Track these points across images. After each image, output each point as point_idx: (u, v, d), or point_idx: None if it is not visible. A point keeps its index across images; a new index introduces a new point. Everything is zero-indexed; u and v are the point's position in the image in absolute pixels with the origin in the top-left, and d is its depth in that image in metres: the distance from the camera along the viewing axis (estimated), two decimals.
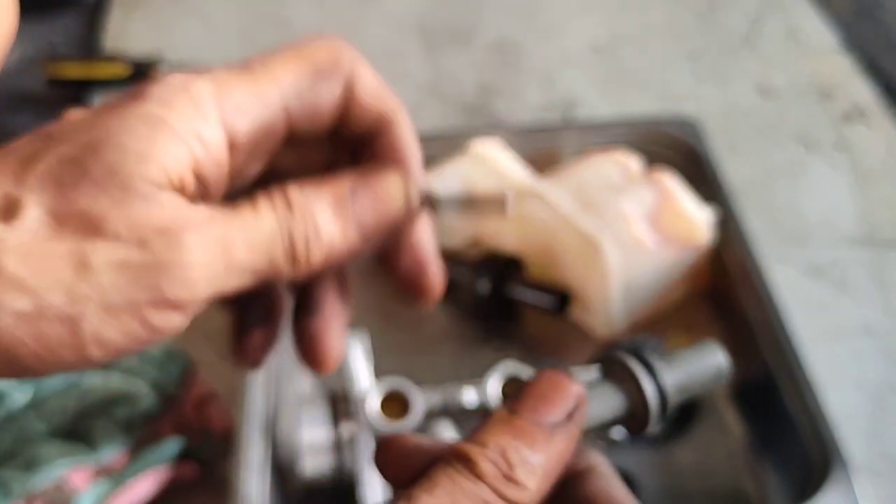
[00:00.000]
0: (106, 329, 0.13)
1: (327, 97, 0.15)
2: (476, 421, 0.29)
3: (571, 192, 0.36)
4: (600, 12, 0.56)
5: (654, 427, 0.16)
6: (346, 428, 0.30)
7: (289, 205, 0.14)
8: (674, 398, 0.16)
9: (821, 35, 0.54)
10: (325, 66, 0.15)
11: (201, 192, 0.14)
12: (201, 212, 0.13)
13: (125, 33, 0.55)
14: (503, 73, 0.51)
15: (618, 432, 0.16)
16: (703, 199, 0.38)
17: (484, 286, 0.36)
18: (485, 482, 0.14)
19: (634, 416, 0.16)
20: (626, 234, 0.35)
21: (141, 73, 0.50)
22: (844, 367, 0.36)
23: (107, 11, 0.56)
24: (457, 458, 0.14)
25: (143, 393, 0.32)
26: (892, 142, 0.47)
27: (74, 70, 0.50)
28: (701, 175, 0.39)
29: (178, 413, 0.33)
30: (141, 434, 0.32)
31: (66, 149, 0.13)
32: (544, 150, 0.41)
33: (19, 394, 0.32)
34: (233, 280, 0.14)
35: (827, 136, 0.47)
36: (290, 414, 0.31)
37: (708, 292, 0.37)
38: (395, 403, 0.30)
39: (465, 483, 0.14)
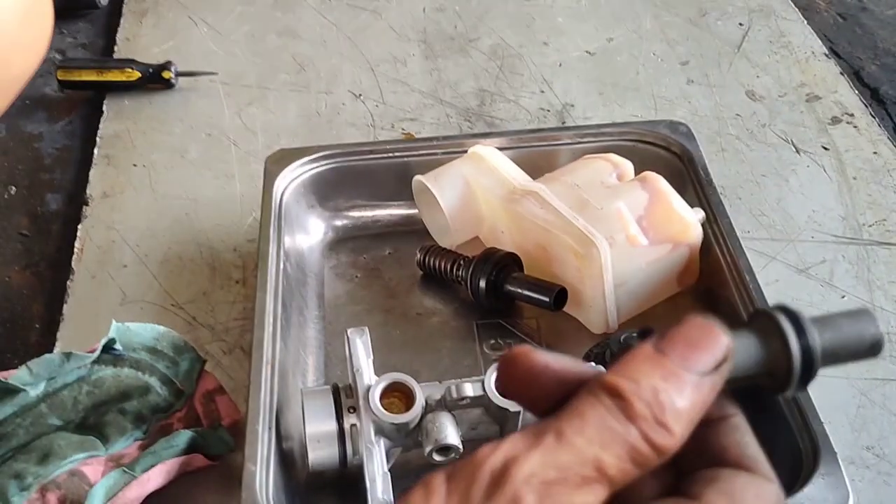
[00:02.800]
0: None
1: None
2: (473, 416, 0.30)
3: (567, 193, 0.37)
4: (595, 20, 0.57)
5: (793, 390, 0.14)
6: (350, 421, 0.31)
7: None
8: (821, 362, 0.14)
9: (808, 41, 0.55)
10: None
11: None
12: None
13: (136, 39, 0.56)
14: (501, 79, 0.53)
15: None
16: (693, 199, 0.39)
17: (482, 283, 0.37)
18: (636, 424, 0.13)
19: (774, 375, 0.14)
20: (619, 233, 0.36)
21: (151, 78, 0.51)
22: None
23: (118, 18, 0.58)
24: (608, 393, 0.13)
25: (155, 387, 0.34)
26: (878, 144, 0.48)
27: (86, 75, 0.51)
28: (692, 176, 0.40)
29: (188, 406, 0.34)
30: (152, 427, 0.33)
31: None
32: (541, 152, 0.42)
33: (32, 389, 0.33)
34: None
35: (814, 139, 0.48)
36: (295, 407, 0.32)
37: (699, 289, 0.38)
38: (396, 398, 0.31)
39: (616, 424, 0.13)
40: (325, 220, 0.42)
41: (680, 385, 0.14)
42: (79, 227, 0.44)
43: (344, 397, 0.31)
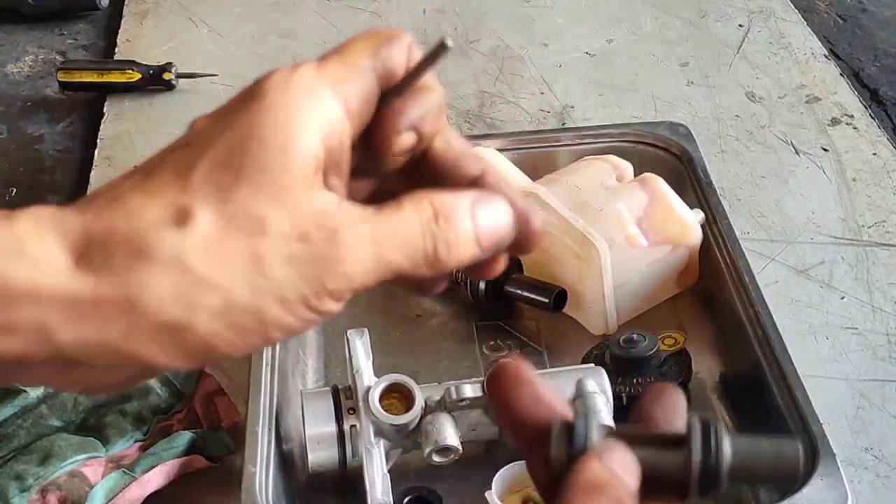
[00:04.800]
0: (284, 317, 0.14)
1: (399, 57, 0.16)
2: (473, 418, 0.30)
3: (567, 195, 0.37)
4: (594, 21, 0.57)
5: (695, 496, 0.15)
6: (350, 422, 0.31)
7: (434, 211, 0.15)
8: (727, 480, 0.15)
9: (808, 42, 0.55)
10: (391, 36, 0.16)
11: (335, 166, 0.15)
12: (352, 209, 0.15)
13: (136, 41, 0.56)
14: (501, 81, 0.53)
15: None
16: (693, 201, 0.39)
17: (482, 285, 0.37)
18: None
19: (683, 479, 0.15)
20: (619, 234, 0.36)
21: (152, 80, 0.52)
22: (830, 363, 0.37)
23: (119, 20, 0.58)
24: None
25: (155, 388, 0.34)
26: (877, 145, 0.48)
27: (87, 76, 0.51)
28: (691, 178, 0.40)
29: (188, 408, 0.34)
30: (152, 428, 0.33)
31: (216, 153, 0.14)
32: (540, 154, 0.42)
33: (33, 390, 0.33)
34: (380, 274, 0.15)
35: (814, 140, 0.48)
36: (295, 409, 0.33)
37: (698, 290, 0.39)
38: (396, 399, 0.31)
39: None
40: None
41: None
42: None
43: (343, 399, 0.31)
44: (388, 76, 0.16)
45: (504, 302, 0.38)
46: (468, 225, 0.15)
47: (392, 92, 0.16)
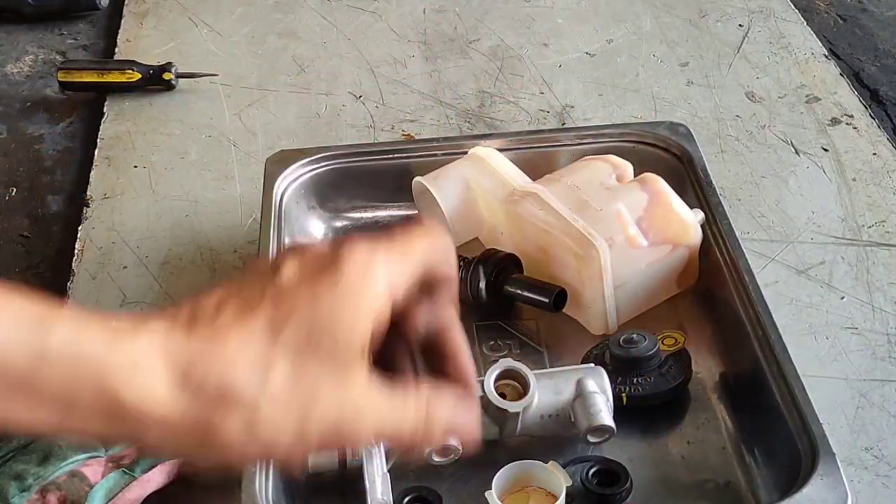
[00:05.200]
0: (299, 460, 0.19)
1: (442, 256, 0.21)
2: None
3: (566, 195, 0.37)
4: (594, 21, 0.57)
5: None
6: None
7: (426, 409, 0.20)
8: None
9: (808, 42, 0.55)
10: (441, 237, 0.21)
11: (371, 342, 0.20)
12: (376, 392, 0.19)
13: (136, 41, 0.56)
14: (501, 81, 0.53)
15: None
16: (693, 201, 0.39)
17: (482, 284, 0.37)
18: None
19: None
20: (619, 234, 0.36)
21: (152, 80, 0.52)
22: (830, 363, 0.37)
23: (119, 20, 0.58)
24: None
25: None
26: (877, 145, 0.48)
27: (87, 76, 0.51)
28: (691, 178, 0.40)
29: None
30: None
31: (301, 325, 0.19)
32: (540, 154, 0.42)
33: None
34: (373, 444, 0.21)
35: (814, 140, 0.48)
36: None
37: (698, 290, 0.39)
38: None
39: None
40: (326, 221, 0.43)
41: None
42: (79, 228, 0.44)
43: None
44: (432, 270, 0.20)
45: (504, 302, 0.38)
46: (441, 428, 0.20)
47: (425, 289, 0.20)
